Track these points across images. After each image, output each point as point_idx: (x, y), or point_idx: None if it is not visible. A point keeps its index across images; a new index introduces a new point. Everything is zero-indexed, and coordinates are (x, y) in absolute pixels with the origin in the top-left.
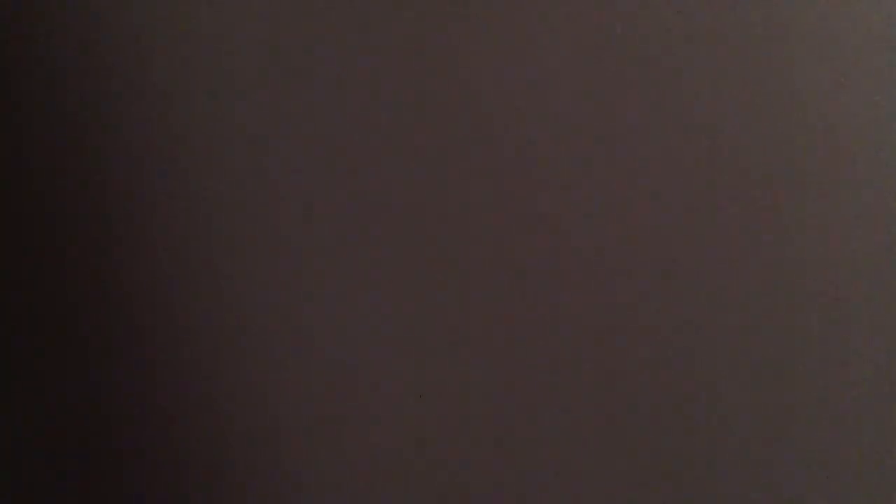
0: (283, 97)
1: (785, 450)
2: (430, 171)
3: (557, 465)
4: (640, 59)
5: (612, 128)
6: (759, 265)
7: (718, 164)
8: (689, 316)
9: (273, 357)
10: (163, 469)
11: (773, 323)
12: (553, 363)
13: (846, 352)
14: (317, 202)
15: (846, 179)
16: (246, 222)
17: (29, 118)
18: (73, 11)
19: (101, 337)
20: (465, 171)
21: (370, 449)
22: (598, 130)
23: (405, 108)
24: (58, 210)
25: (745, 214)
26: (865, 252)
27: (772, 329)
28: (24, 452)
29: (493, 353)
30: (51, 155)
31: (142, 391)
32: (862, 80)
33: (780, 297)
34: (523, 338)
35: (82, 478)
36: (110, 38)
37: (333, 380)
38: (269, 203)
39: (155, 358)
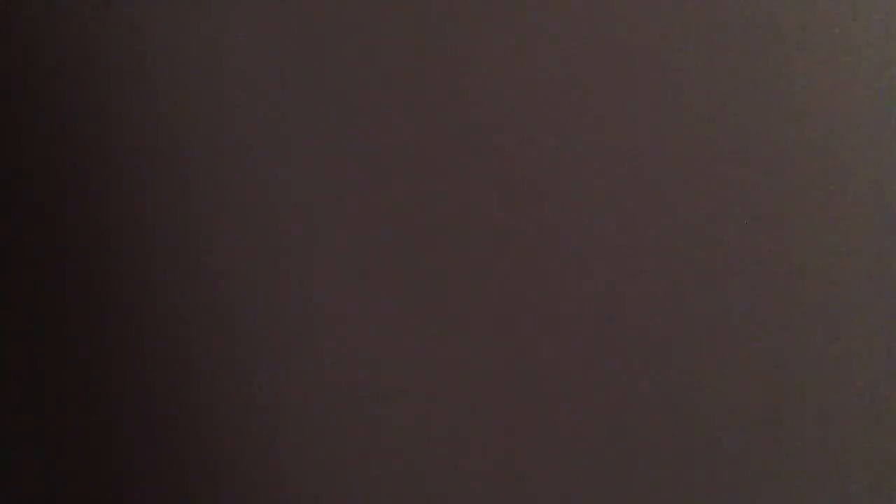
0: (284, 98)
1: (785, 451)
2: (432, 172)
3: (558, 466)
4: (641, 59)
5: (612, 128)
6: (760, 265)
7: (719, 164)
8: (689, 316)
9: (273, 358)
10: (162, 470)
11: (773, 323)
12: (555, 364)
13: (846, 352)
14: (317, 203)
15: (847, 180)
16: (247, 223)
17: (29, 118)
18: (73, 11)
19: (101, 338)
20: (467, 173)
21: (370, 450)
22: (599, 131)
23: (407, 108)
24: (58, 210)
25: (746, 215)
26: (866, 252)
27: (772, 329)
28: (23, 452)
29: (494, 354)
30: (51, 155)
31: (141, 392)
32: (862, 80)
33: (781, 297)
34: (525, 339)
35: (82, 478)
36: (110, 37)
37: (334, 380)
38: (270, 204)
39: (154, 358)
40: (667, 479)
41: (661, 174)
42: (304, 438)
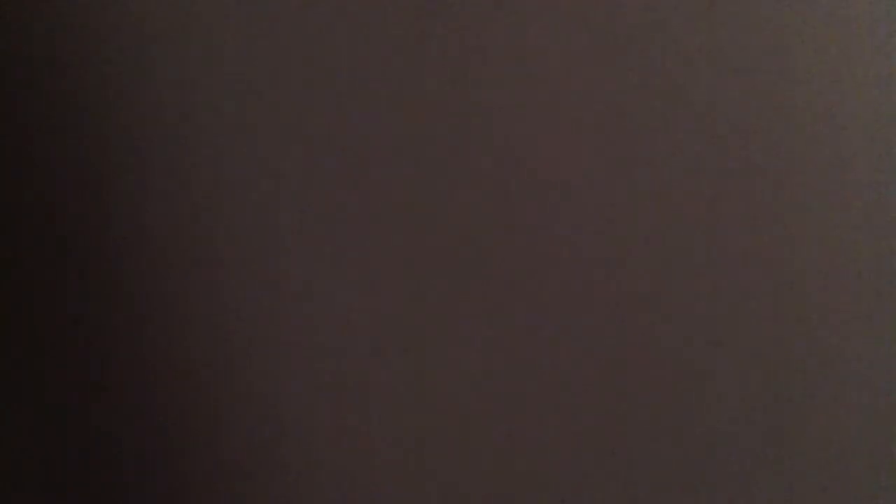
0: (283, 97)
1: (785, 452)
2: (432, 172)
3: (557, 466)
4: (641, 58)
5: (613, 129)
6: (760, 267)
7: (719, 164)
8: (689, 317)
9: (272, 358)
10: (162, 470)
11: (773, 324)
12: (554, 364)
13: (846, 353)
14: (317, 202)
15: (847, 180)
16: (246, 223)
17: (29, 118)
18: (72, 11)
19: (101, 339)
20: (466, 173)
21: (369, 450)
22: (600, 132)
23: (406, 108)
24: (58, 210)
25: (746, 215)
26: (866, 253)
27: (772, 331)
28: (23, 453)
29: (494, 355)
30: (51, 154)
31: (140, 393)
32: (862, 80)
33: (781, 298)
34: (524, 339)
35: (81, 479)
36: (110, 37)
37: (333, 380)
38: (270, 204)
39: (154, 359)
40: (666, 480)
41: (661, 173)
42: (303, 438)
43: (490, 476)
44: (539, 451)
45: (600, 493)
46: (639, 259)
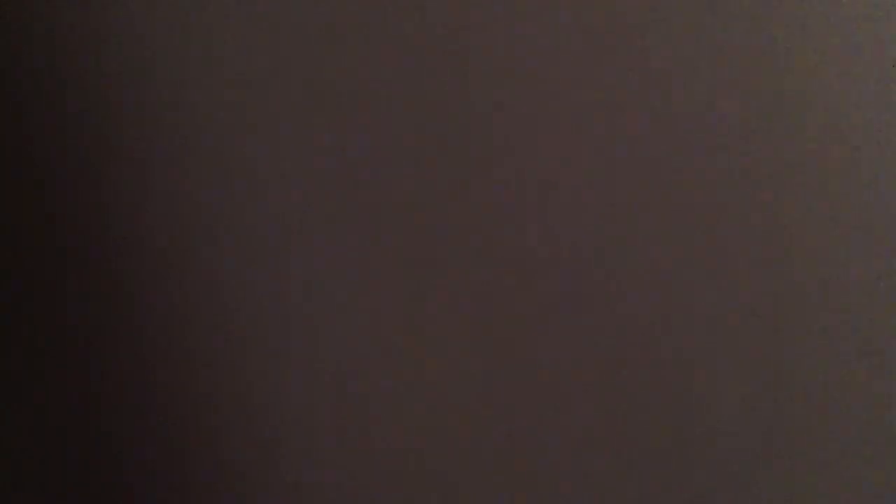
0: (283, 97)
1: (785, 452)
2: (432, 172)
3: (557, 466)
4: (640, 57)
5: (613, 129)
6: (760, 267)
7: (719, 164)
8: (688, 317)
9: (272, 358)
10: (162, 470)
11: (773, 324)
12: (554, 364)
13: (846, 353)
14: (318, 204)
15: (847, 180)
16: (246, 223)
17: (29, 118)
18: (72, 11)
19: (101, 339)
20: (466, 173)
21: (369, 450)
22: (600, 132)
23: (406, 108)
24: (58, 210)
25: (746, 216)
26: (866, 253)
27: (772, 331)
28: (23, 453)
29: (494, 355)
30: (51, 154)
31: (141, 393)
32: (862, 80)
33: (781, 298)
34: (524, 339)
35: (81, 479)
36: (110, 37)
37: (333, 380)
38: (270, 204)
39: (154, 359)
40: (666, 480)
41: (661, 173)
42: (303, 438)
43: (490, 476)
44: (539, 451)
45: (600, 493)
46: (639, 259)
